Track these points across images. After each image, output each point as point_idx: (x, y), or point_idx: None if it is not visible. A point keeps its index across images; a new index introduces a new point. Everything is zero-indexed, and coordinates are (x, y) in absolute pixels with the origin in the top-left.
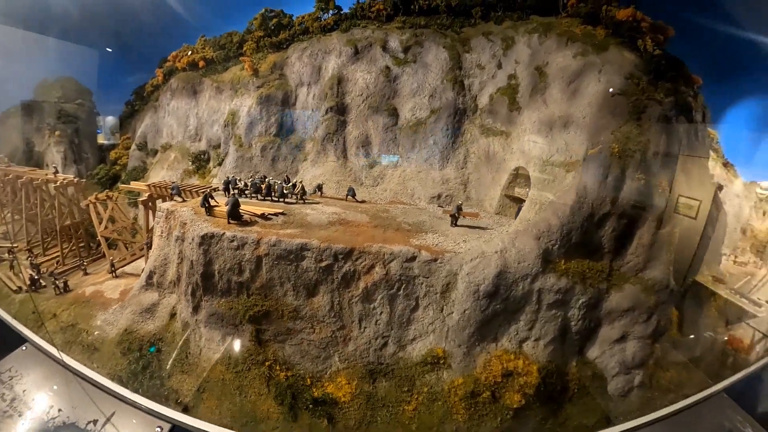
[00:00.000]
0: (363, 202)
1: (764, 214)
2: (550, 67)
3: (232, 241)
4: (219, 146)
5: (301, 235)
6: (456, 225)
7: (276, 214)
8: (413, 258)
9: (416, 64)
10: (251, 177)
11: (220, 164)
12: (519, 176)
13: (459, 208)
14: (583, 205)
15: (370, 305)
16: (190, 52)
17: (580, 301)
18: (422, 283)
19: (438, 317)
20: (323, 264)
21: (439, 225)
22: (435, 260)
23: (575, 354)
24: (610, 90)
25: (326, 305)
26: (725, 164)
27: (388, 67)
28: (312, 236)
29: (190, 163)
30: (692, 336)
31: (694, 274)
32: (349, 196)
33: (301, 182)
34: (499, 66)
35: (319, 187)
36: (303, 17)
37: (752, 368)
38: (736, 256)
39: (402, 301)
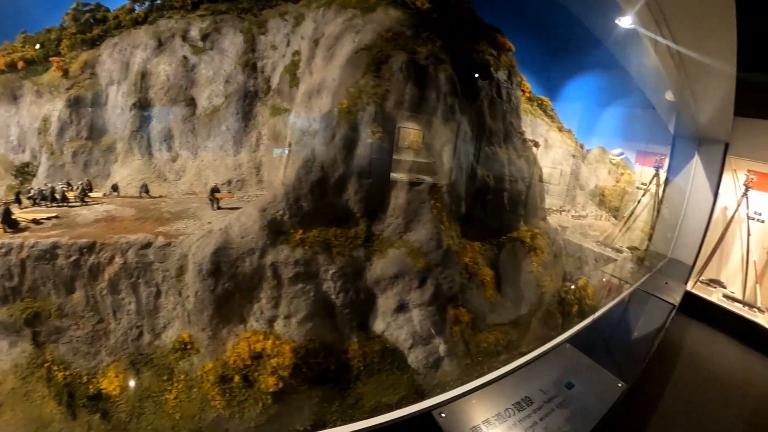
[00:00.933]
0: (160, 197)
1: (609, 173)
2: (324, 37)
3: (1, 248)
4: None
5: (60, 234)
6: (219, 208)
7: (49, 218)
8: (148, 244)
9: (213, 51)
10: (46, 185)
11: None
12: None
13: (213, 191)
14: (310, 169)
15: (119, 296)
16: (18, 50)
17: (331, 272)
18: (158, 269)
19: (179, 302)
20: (71, 259)
21: (203, 210)
22: (168, 244)
23: (354, 329)
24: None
25: (83, 300)
26: (560, 129)
27: (185, 57)
28: (68, 234)
29: (14, 177)
30: (514, 293)
31: (510, 231)
32: (142, 193)
33: (81, 184)
34: (288, 44)
35: (114, 188)
36: (118, 10)
37: (597, 315)
38: (576, 211)
39: (144, 289)
